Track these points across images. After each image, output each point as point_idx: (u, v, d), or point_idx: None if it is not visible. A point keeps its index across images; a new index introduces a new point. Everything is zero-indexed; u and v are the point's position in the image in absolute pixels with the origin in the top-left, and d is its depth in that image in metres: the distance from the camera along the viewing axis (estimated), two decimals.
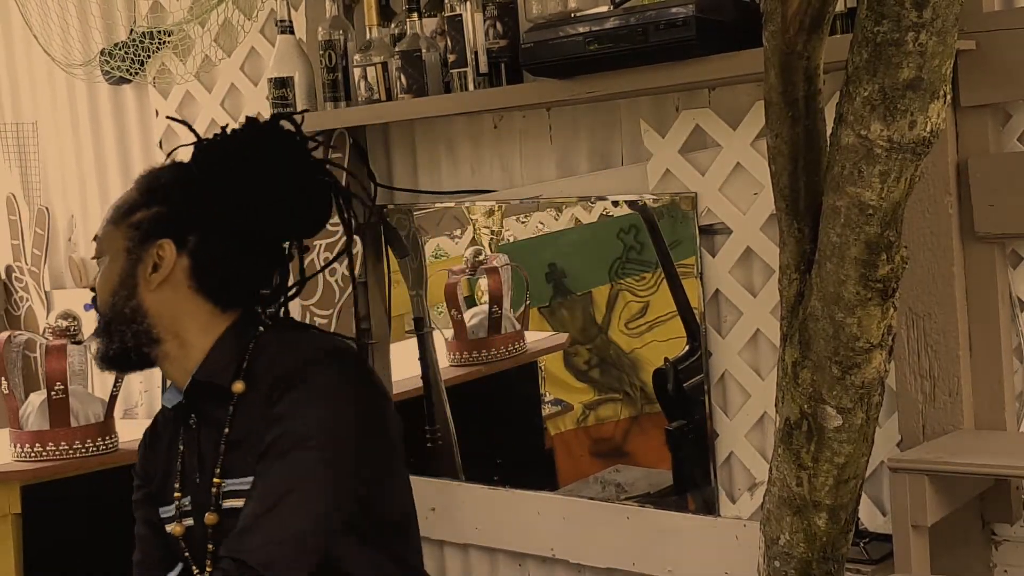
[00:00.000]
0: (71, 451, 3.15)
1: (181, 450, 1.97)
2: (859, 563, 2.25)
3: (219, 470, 1.88)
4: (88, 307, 2.03)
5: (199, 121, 3.46)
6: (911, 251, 1.58)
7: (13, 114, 4.09)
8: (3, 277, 4.13)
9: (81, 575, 3.11)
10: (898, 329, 2.05)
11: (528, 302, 3.30)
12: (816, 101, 1.49)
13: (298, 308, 3.02)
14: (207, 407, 1.92)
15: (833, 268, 1.45)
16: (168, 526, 1.96)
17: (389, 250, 3.15)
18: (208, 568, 1.90)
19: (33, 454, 3.15)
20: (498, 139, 2.88)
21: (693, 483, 2.75)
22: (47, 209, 4.00)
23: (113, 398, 3.24)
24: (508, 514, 2.91)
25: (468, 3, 2.57)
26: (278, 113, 2.02)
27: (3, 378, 3.22)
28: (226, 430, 1.88)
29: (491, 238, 3.31)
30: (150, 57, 3.45)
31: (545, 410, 3.26)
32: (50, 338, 3.22)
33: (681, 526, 2.63)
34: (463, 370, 3.33)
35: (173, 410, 1.99)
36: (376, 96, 2.74)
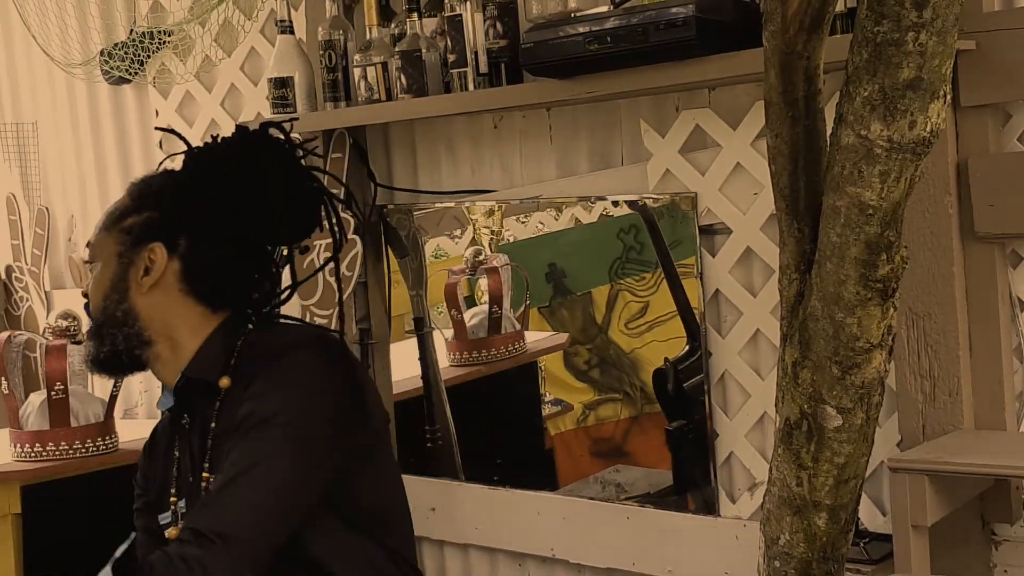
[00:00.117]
0: (71, 451, 3.15)
1: (176, 456, 1.98)
2: (859, 563, 2.25)
3: (207, 464, 1.89)
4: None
5: (199, 121, 3.47)
6: (911, 251, 1.58)
7: (13, 114, 4.09)
8: (3, 277, 4.13)
9: (81, 575, 3.10)
10: (898, 329, 2.05)
11: (528, 302, 3.30)
12: (816, 101, 1.49)
13: (298, 308, 3.02)
14: (197, 405, 1.94)
15: (833, 268, 1.45)
16: (167, 531, 1.97)
17: (389, 250, 3.15)
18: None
19: (33, 454, 3.15)
20: (498, 139, 2.88)
21: (693, 483, 2.75)
22: (47, 209, 4.00)
23: (113, 398, 3.24)
24: (508, 514, 2.90)
25: (468, 3, 2.57)
26: (267, 121, 2.04)
27: (3, 378, 3.22)
28: (212, 424, 1.89)
29: (491, 238, 3.31)
30: (150, 57, 3.45)
31: (545, 410, 3.26)
32: (50, 338, 3.23)
33: (681, 526, 2.63)
34: (463, 370, 3.33)
35: (168, 413, 2.01)
36: (376, 96, 2.74)
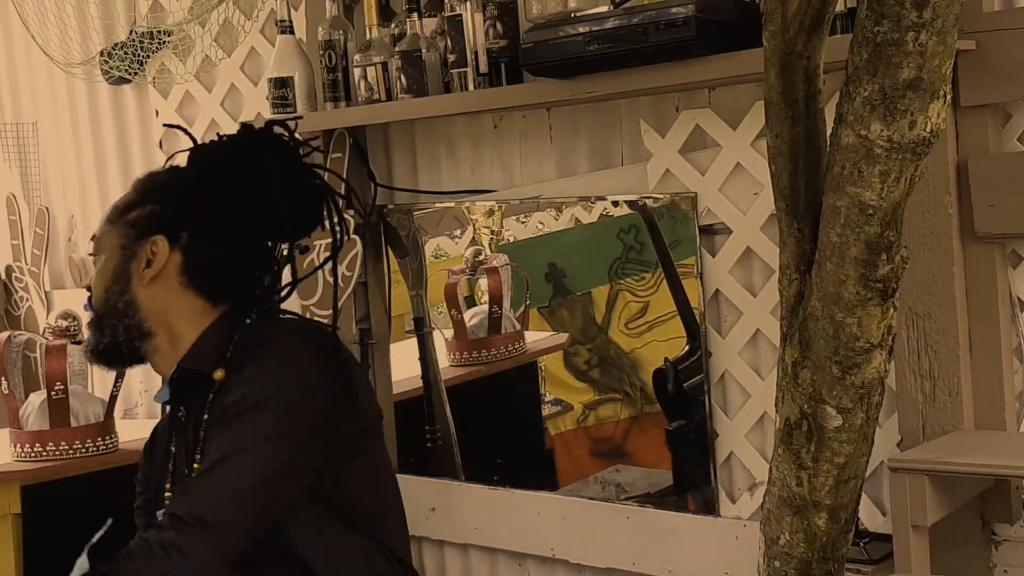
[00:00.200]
0: (71, 451, 3.15)
1: (173, 452, 1.99)
2: (859, 563, 2.25)
3: (199, 456, 1.89)
4: (87, 307, 2.04)
5: (199, 121, 3.46)
6: (911, 251, 1.58)
7: (13, 114, 4.09)
8: (3, 277, 4.13)
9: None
10: (898, 329, 2.05)
11: (528, 302, 3.30)
12: (816, 101, 1.49)
13: (298, 308, 3.01)
14: (192, 397, 1.94)
15: (833, 268, 1.45)
16: None
17: (389, 250, 3.15)
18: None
19: (33, 454, 3.15)
20: (498, 139, 2.88)
21: (693, 483, 2.75)
22: (47, 209, 4.00)
23: (113, 398, 3.24)
24: (508, 514, 2.90)
25: (468, 3, 2.57)
26: (272, 119, 2.05)
27: (3, 378, 3.22)
28: (205, 416, 1.89)
29: (491, 238, 3.31)
30: (150, 57, 3.45)
31: (545, 410, 3.26)
32: (50, 338, 3.23)
33: (681, 526, 2.63)
34: (463, 370, 3.33)
35: (166, 406, 2.02)
36: (376, 96, 2.74)
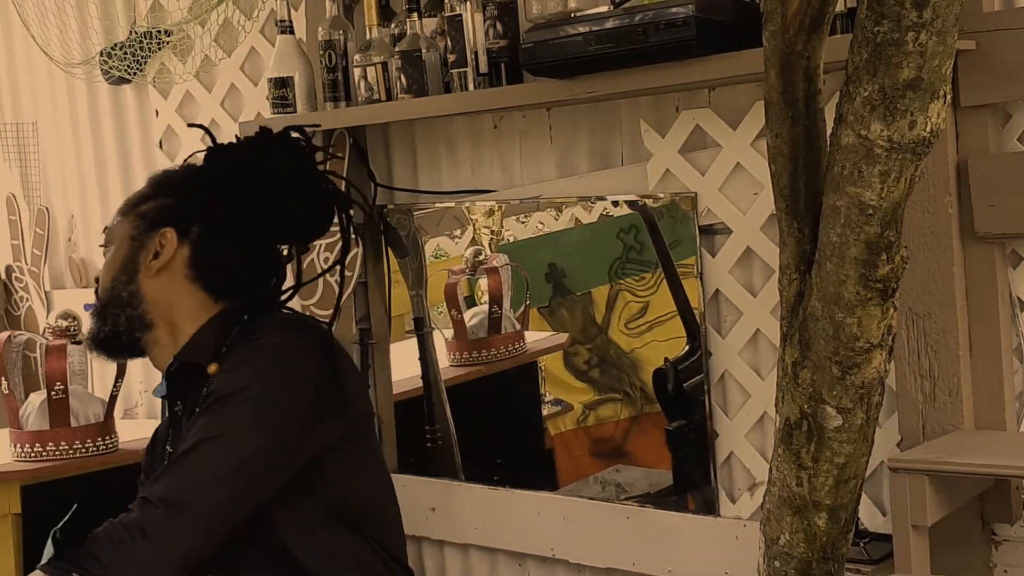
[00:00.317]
0: (71, 451, 3.15)
1: (169, 451, 1.99)
2: (859, 563, 2.25)
3: None
4: (88, 307, 2.05)
5: (199, 121, 3.45)
6: (911, 251, 1.58)
7: (13, 114, 4.08)
8: (3, 277, 4.13)
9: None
10: (898, 329, 2.05)
11: (528, 302, 3.30)
12: (816, 101, 1.49)
13: (298, 308, 3.01)
14: (189, 391, 1.95)
15: (833, 268, 1.45)
16: None
17: (389, 250, 3.15)
18: None
19: (33, 454, 3.15)
20: (498, 139, 2.88)
21: (693, 483, 2.74)
22: (47, 209, 4.00)
23: (113, 398, 3.24)
24: (508, 514, 2.90)
25: (468, 3, 2.57)
26: (291, 126, 2.07)
27: (3, 378, 3.22)
28: (197, 410, 1.90)
29: (491, 238, 3.31)
30: (150, 57, 3.45)
31: (545, 410, 3.26)
32: (50, 338, 3.22)
33: (681, 526, 2.63)
34: (463, 370, 3.33)
35: (164, 400, 2.03)
36: (376, 96, 2.74)
